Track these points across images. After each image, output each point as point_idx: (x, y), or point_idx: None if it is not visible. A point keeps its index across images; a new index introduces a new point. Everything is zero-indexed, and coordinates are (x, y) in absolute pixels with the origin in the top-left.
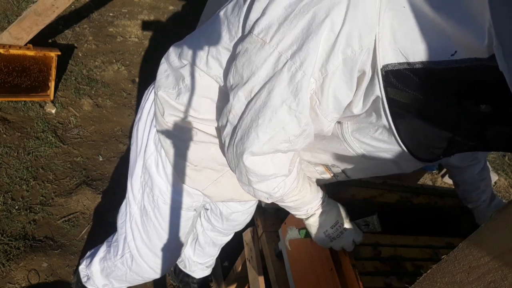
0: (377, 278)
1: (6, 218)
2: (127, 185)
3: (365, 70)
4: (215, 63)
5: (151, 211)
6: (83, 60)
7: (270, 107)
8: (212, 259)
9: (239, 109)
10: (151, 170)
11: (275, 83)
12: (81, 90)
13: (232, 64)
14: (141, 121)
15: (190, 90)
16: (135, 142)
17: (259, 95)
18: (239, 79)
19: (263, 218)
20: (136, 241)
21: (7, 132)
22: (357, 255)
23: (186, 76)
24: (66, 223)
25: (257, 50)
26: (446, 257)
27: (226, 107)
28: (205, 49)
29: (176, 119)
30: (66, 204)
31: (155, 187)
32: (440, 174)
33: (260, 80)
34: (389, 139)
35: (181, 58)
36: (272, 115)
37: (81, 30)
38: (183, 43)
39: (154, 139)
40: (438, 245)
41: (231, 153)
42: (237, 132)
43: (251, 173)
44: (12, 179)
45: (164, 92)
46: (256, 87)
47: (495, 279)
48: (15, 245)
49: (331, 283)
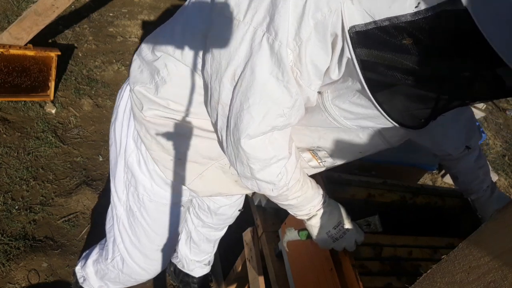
0: (377, 278)
1: (6, 218)
2: (111, 188)
3: (337, 33)
4: (190, 50)
5: (137, 211)
6: (83, 60)
7: (258, 83)
8: (209, 256)
9: (226, 97)
10: (133, 168)
11: (256, 59)
12: (81, 90)
13: (208, 54)
14: (117, 120)
15: (167, 81)
16: (114, 143)
17: (243, 76)
18: (218, 66)
19: (263, 218)
20: (125, 243)
21: (7, 132)
22: (357, 255)
23: (161, 68)
24: (66, 223)
25: (232, 31)
26: (446, 257)
27: (212, 100)
28: (179, 37)
29: (156, 113)
30: (66, 204)
31: (139, 185)
32: (440, 174)
33: (241, 60)
34: (367, 103)
35: (155, 50)
36: (261, 90)
37: (81, 30)
38: (155, 35)
39: (134, 137)
40: (438, 245)
41: (229, 144)
42: (230, 121)
43: (252, 159)
44: (12, 179)
45: (141, 87)
46: (238, 69)
47: (495, 279)
48: (15, 245)
49: (331, 283)
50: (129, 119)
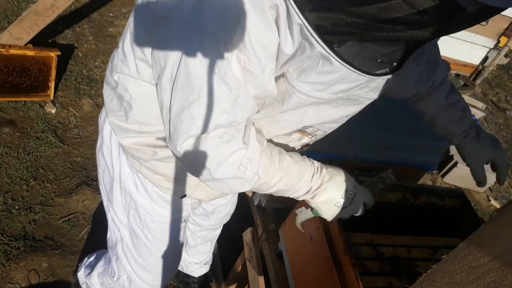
0: (377, 278)
1: (6, 218)
2: (108, 213)
3: (276, 3)
4: (144, 65)
5: (140, 232)
6: (83, 60)
7: (194, 79)
8: (207, 255)
9: (167, 100)
10: (131, 191)
11: (188, 54)
12: (81, 90)
13: (152, 58)
14: (104, 145)
15: (132, 106)
16: (106, 168)
17: (178, 74)
18: (160, 68)
19: (263, 218)
20: (130, 263)
21: (7, 132)
22: (357, 255)
23: (123, 93)
24: (66, 223)
25: (165, 30)
26: (446, 257)
27: (161, 109)
28: (131, 54)
29: (131, 141)
30: (66, 204)
31: (140, 208)
32: (440, 174)
33: (175, 58)
34: (332, 66)
35: (113, 73)
36: (199, 87)
37: (81, 30)
38: (111, 59)
39: (128, 161)
40: (438, 245)
41: (180, 151)
42: (170, 124)
43: (204, 158)
44: (12, 179)
45: (113, 117)
46: (174, 67)
47: (495, 279)
48: (15, 245)
49: (331, 283)
50: (118, 145)
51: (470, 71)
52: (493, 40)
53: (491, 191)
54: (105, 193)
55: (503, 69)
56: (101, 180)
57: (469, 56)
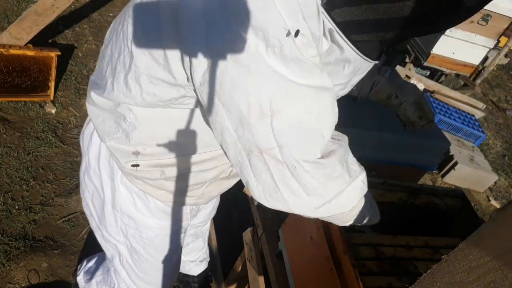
0: (377, 278)
1: (6, 218)
2: (98, 232)
3: (317, 3)
4: (151, 96)
5: (141, 248)
6: (83, 60)
7: (300, 92)
8: (202, 252)
9: (267, 141)
10: (130, 212)
11: (276, 76)
12: (81, 90)
13: (214, 109)
14: (91, 170)
15: (136, 126)
16: (95, 192)
17: (275, 104)
18: (239, 114)
19: (263, 218)
20: (131, 277)
21: (7, 132)
22: (357, 255)
23: (127, 113)
24: (66, 223)
25: (231, 70)
26: (446, 257)
27: (252, 158)
28: (136, 88)
29: (136, 163)
30: (66, 204)
31: (141, 226)
32: (440, 174)
33: (259, 90)
34: (356, 64)
35: (109, 99)
36: (310, 95)
37: (81, 30)
38: (102, 83)
39: (123, 183)
40: (438, 245)
41: (308, 186)
42: (287, 161)
43: (324, 180)
44: (12, 179)
45: (111, 141)
46: (264, 101)
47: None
48: (15, 245)
49: (331, 283)
50: (110, 168)
51: (470, 71)
52: (493, 40)
53: (491, 191)
54: (95, 215)
55: (503, 69)
56: (88, 203)
57: (469, 56)
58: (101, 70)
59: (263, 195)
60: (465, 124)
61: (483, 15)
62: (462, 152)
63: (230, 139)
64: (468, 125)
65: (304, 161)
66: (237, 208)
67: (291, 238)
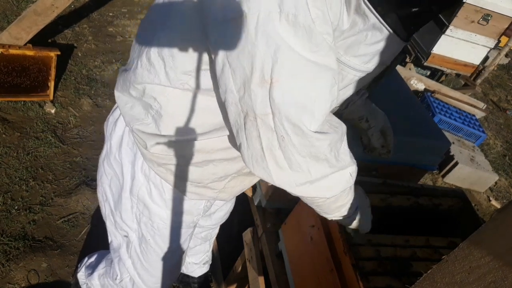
0: (377, 278)
1: (6, 218)
2: (108, 218)
3: None
4: (179, 69)
5: (151, 238)
6: (82, 60)
7: (303, 66)
8: (207, 255)
9: (263, 106)
10: (146, 200)
11: (283, 45)
12: (81, 90)
13: (221, 67)
14: (111, 155)
15: (162, 114)
16: (114, 177)
17: (277, 69)
18: (242, 74)
19: (263, 218)
20: (136, 267)
21: (7, 132)
22: (357, 255)
23: (152, 102)
24: (66, 223)
25: (242, 29)
26: (447, 257)
27: (248, 122)
28: (159, 63)
29: (163, 147)
30: (65, 204)
31: (154, 216)
32: (440, 174)
33: (264, 55)
34: (382, 35)
35: (135, 84)
36: (312, 71)
37: (80, 30)
38: (130, 68)
39: (143, 170)
40: (439, 245)
41: (295, 152)
42: (282, 127)
43: (328, 147)
44: (12, 179)
45: (139, 125)
46: (265, 65)
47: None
48: (14, 245)
49: (332, 284)
50: (133, 154)
51: (471, 71)
52: (493, 40)
53: (492, 191)
54: (111, 200)
55: (504, 69)
56: (105, 188)
57: (469, 56)
58: (131, 57)
59: (251, 160)
60: (465, 124)
61: (483, 15)
62: (462, 152)
63: (232, 100)
64: (469, 125)
65: (293, 132)
66: (237, 208)
67: (291, 238)
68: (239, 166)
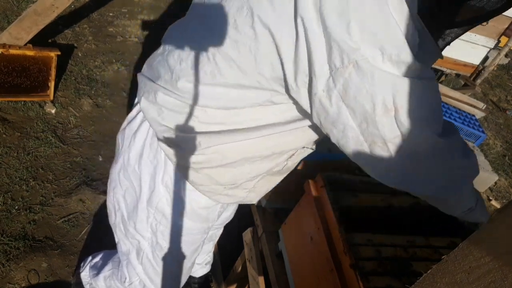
0: (377, 278)
1: (6, 218)
2: (118, 227)
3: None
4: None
5: (167, 245)
6: (83, 60)
7: (418, 87)
8: (209, 255)
9: (392, 131)
10: (165, 211)
11: (395, 79)
12: (81, 90)
13: (337, 113)
14: (129, 167)
15: (210, 125)
16: (130, 188)
17: (393, 101)
18: (363, 112)
19: (263, 218)
20: (147, 272)
21: (7, 132)
22: (357, 255)
23: (200, 114)
24: (66, 223)
25: (356, 74)
26: (447, 257)
27: (375, 148)
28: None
29: (201, 153)
30: (66, 204)
31: (174, 226)
32: None
33: (384, 88)
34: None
35: (183, 99)
36: (425, 87)
37: (81, 30)
38: (168, 79)
39: (163, 182)
40: (438, 245)
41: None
42: (408, 147)
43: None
44: (12, 179)
45: (174, 134)
46: (386, 97)
47: (495, 279)
48: (15, 245)
49: (332, 284)
50: (153, 167)
51: (470, 71)
52: (493, 40)
53: (492, 191)
54: (123, 210)
55: (504, 69)
56: (119, 198)
57: (469, 56)
58: (170, 66)
59: (384, 172)
60: (465, 124)
61: None
62: None
63: (352, 134)
64: (468, 125)
65: (426, 143)
66: (237, 208)
67: (291, 238)
68: (270, 165)
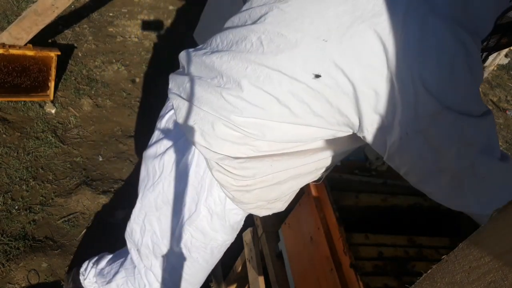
0: (377, 278)
1: (6, 218)
2: (147, 247)
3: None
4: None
5: (200, 257)
6: (83, 60)
7: (485, 125)
8: None
9: (487, 168)
10: (204, 229)
11: (466, 123)
12: (81, 90)
13: (436, 154)
14: (170, 187)
15: (265, 151)
16: (168, 211)
17: (472, 141)
18: (443, 156)
19: (263, 218)
20: (173, 279)
21: (7, 132)
22: (357, 255)
23: (261, 142)
24: (66, 223)
25: (444, 121)
26: (446, 257)
27: (449, 187)
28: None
29: (249, 182)
30: (66, 204)
31: (208, 239)
32: None
33: (476, 135)
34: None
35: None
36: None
37: (81, 30)
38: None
39: (206, 205)
40: (438, 245)
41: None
42: (482, 170)
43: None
44: (12, 179)
45: (230, 161)
46: (475, 141)
47: (495, 279)
48: (15, 245)
49: (331, 283)
50: (196, 193)
51: None
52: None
53: None
54: (156, 230)
55: (504, 69)
56: (151, 219)
57: None
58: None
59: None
60: None
61: None
62: None
63: (447, 165)
64: None
65: (493, 168)
66: None
67: (291, 238)
68: (312, 178)
